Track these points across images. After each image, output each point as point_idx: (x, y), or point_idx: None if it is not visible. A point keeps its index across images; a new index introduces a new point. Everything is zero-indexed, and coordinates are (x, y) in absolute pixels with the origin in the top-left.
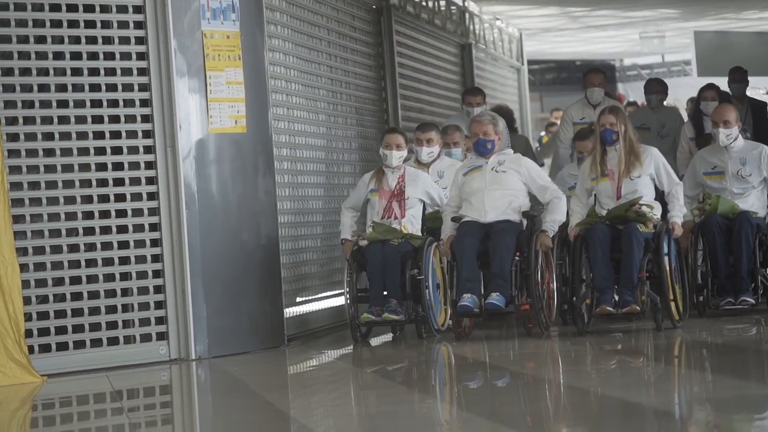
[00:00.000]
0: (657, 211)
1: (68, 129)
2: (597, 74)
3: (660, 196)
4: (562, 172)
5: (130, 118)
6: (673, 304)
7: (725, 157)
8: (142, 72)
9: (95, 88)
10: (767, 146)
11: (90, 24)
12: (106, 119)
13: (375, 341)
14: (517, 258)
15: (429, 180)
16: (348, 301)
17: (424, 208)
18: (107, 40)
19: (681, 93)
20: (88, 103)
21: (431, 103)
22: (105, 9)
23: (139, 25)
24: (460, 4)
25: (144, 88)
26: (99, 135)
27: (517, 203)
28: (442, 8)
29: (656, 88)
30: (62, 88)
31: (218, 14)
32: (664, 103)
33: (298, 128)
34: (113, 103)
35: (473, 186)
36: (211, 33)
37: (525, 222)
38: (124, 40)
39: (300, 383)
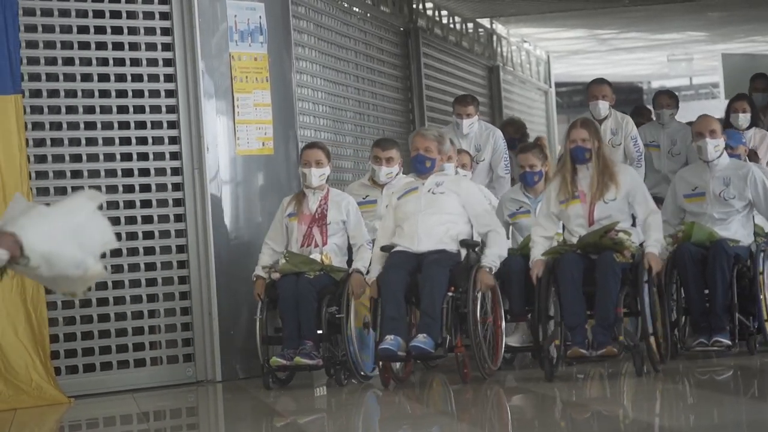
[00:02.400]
0: (636, 239)
1: (95, 150)
2: (600, 86)
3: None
4: (503, 197)
5: (158, 140)
6: (655, 343)
7: (707, 176)
8: (170, 94)
9: (122, 109)
10: (756, 166)
11: (117, 46)
12: (133, 141)
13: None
14: (450, 294)
15: (354, 204)
16: (258, 343)
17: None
18: (135, 62)
19: None
20: (115, 125)
21: None
22: (132, 31)
23: (167, 47)
24: (488, 26)
25: (172, 109)
26: (126, 157)
27: (455, 230)
28: (470, 30)
29: (666, 101)
30: (89, 109)
31: (246, 36)
32: (676, 117)
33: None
34: (140, 125)
35: (407, 210)
36: (238, 55)
37: (464, 252)
38: (152, 62)
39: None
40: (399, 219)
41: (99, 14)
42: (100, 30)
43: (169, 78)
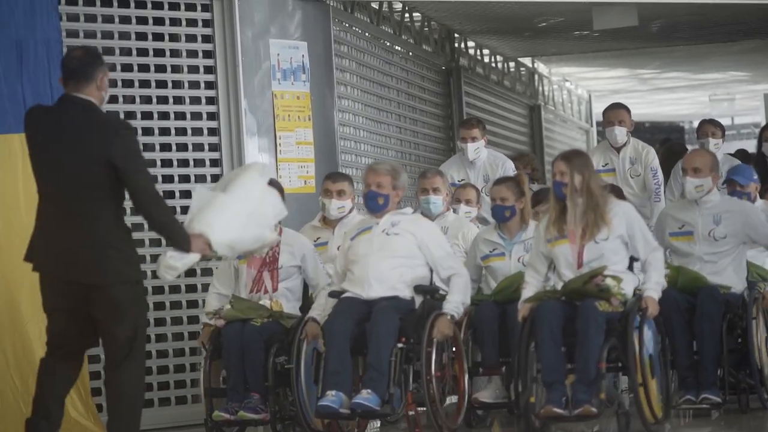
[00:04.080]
0: (628, 285)
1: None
2: (616, 110)
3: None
4: (476, 237)
5: (200, 178)
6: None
7: (695, 214)
8: (213, 132)
9: (165, 147)
10: (750, 204)
11: (161, 84)
12: (176, 179)
13: None
14: (400, 345)
15: (310, 246)
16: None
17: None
18: (178, 100)
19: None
20: (158, 163)
21: None
22: (176, 69)
23: (209, 85)
24: (530, 65)
25: (214, 147)
26: (169, 195)
27: (409, 275)
28: (512, 69)
29: (711, 129)
30: None
31: (289, 75)
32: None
33: None
34: (183, 163)
35: (357, 252)
36: (281, 93)
37: (418, 299)
38: (195, 100)
39: None
40: (349, 262)
41: (143, 52)
42: (143, 68)
43: (212, 116)
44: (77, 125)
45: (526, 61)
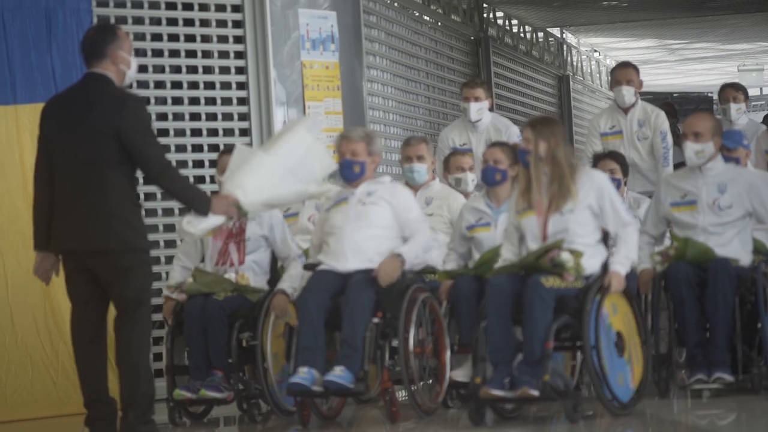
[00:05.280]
0: (592, 260)
1: (167, 157)
2: (624, 69)
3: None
4: (464, 206)
5: (230, 148)
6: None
7: (699, 182)
8: (242, 102)
9: (195, 117)
10: (759, 172)
11: (190, 54)
12: (205, 148)
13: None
14: (376, 320)
15: (279, 216)
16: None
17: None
18: (207, 70)
19: None
20: (187, 132)
21: None
22: (205, 39)
23: (239, 55)
24: (558, 36)
25: (243, 117)
26: (198, 164)
27: (386, 246)
28: (540, 40)
29: (732, 94)
30: (162, 116)
31: (318, 45)
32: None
33: (395, 158)
34: (212, 132)
35: (334, 223)
36: (310, 63)
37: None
38: (224, 70)
39: None
40: (325, 233)
41: (172, 22)
42: (173, 38)
43: (241, 86)
44: (87, 100)
45: (555, 31)
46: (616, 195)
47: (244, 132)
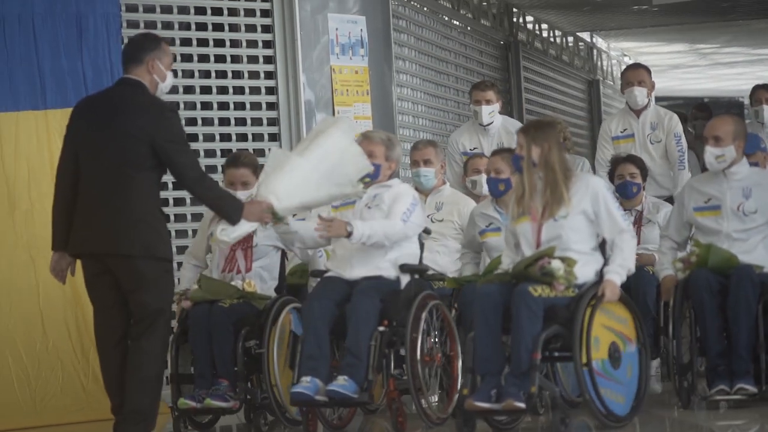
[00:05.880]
0: (585, 268)
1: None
2: (636, 70)
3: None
4: (474, 211)
5: (259, 152)
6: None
7: (723, 186)
8: (271, 106)
9: (224, 122)
10: None
11: (219, 59)
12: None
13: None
14: (381, 328)
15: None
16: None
17: (284, 260)
18: (236, 75)
19: None
20: (217, 137)
21: None
22: (234, 44)
23: (268, 59)
24: (588, 40)
25: (273, 122)
26: None
27: (395, 253)
28: (570, 44)
29: (765, 95)
30: (191, 121)
31: (347, 49)
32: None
33: None
34: (241, 137)
35: None
36: (339, 68)
37: (405, 279)
38: (254, 75)
39: None
40: (332, 239)
41: (201, 27)
42: (202, 43)
43: (271, 91)
44: (119, 104)
45: (585, 35)
46: (612, 200)
47: (273, 137)
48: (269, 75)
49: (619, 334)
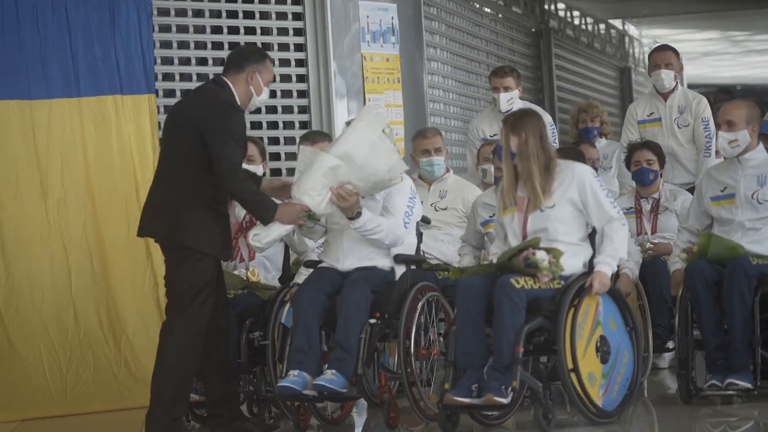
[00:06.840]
0: (573, 259)
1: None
2: (663, 52)
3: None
4: (476, 201)
5: (289, 140)
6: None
7: (738, 174)
8: (302, 94)
9: (255, 110)
10: None
11: (251, 46)
12: (265, 140)
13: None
14: (373, 321)
15: None
16: None
17: (288, 250)
18: None
19: None
20: (247, 125)
21: None
22: (265, 31)
23: (299, 47)
24: (620, 27)
25: (303, 110)
26: None
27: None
28: (602, 32)
29: None
30: None
31: (378, 37)
32: None
33: (456, 151)
34: (272, 125)
35: (334, 219)
36: (370, 55)
37: (399, 270)
38: (285, 62)
39: None
40: (328, 227)
41: (232, 14)
42: (233, 30)
43: (302, 78)
44: (192, 99)
45: (617, 23)
46: (600, 188)
47: (304, 125)
48: (300, 63)
49: (606, 325)
